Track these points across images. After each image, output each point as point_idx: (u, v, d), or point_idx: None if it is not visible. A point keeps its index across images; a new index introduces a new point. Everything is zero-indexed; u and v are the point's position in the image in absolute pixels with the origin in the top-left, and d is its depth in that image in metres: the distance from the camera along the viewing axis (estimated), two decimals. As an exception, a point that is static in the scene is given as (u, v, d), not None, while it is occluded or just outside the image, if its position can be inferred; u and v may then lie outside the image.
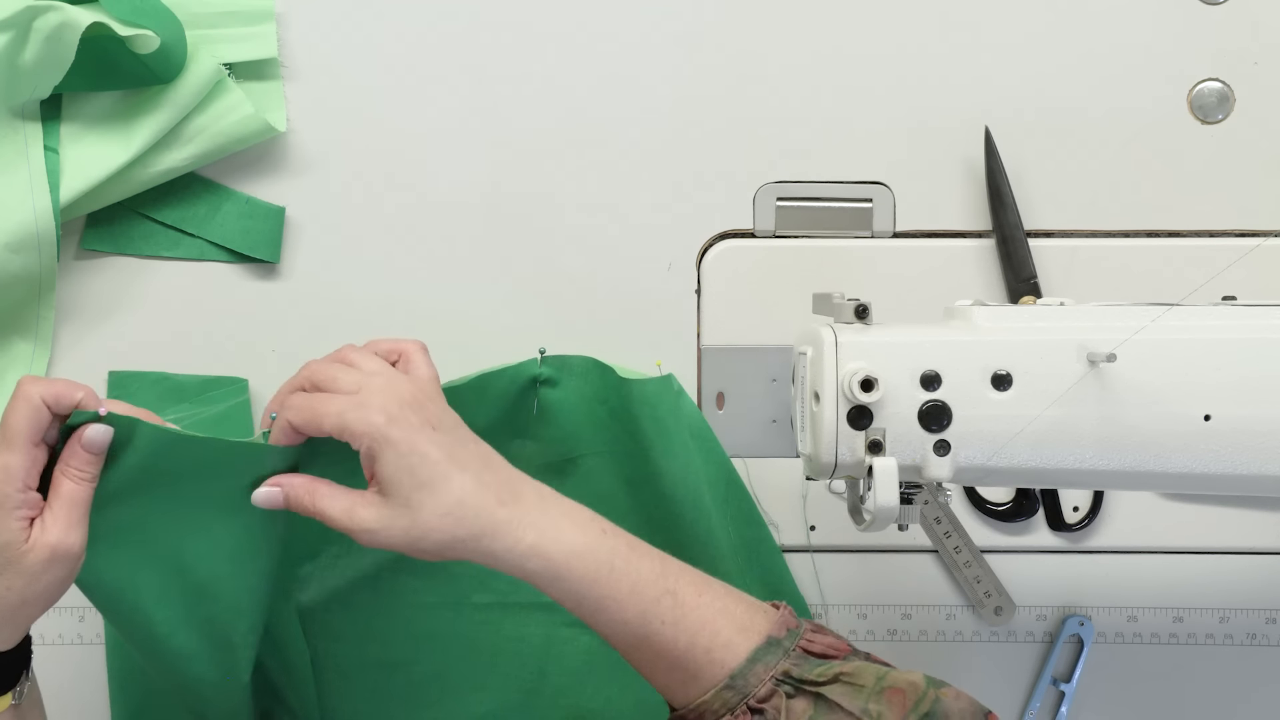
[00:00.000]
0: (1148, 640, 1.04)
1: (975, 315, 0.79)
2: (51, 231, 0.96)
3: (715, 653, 0.81)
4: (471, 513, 0.79)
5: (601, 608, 0.81)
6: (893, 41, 1.03)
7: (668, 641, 0.81)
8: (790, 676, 0.81)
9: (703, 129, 1.03)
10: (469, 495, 0.79)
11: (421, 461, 0.78)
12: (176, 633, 0.86)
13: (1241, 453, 0.77)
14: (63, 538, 0.77)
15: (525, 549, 0.79)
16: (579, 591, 0.80)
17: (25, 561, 0.76)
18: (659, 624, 0.81)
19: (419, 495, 0.78)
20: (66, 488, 0.77)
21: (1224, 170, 1.03)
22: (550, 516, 0.81)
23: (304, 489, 0.81)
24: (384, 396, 0.79)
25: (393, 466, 0.78)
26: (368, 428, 0.77)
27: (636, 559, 0.82)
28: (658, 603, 0.81)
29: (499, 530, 0.79)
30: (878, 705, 0.79)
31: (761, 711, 0.80)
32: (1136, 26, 1.03)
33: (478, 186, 1.03)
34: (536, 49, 1.03)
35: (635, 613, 0.81)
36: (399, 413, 0.78)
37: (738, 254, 1.04)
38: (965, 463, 0.77)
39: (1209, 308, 0.79)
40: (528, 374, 0.98)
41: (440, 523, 0.78)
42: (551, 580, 0.80)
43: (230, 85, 0.98)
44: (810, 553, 1.04)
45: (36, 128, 0.97)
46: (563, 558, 0.80)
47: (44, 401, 0.76)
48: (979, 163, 1.03)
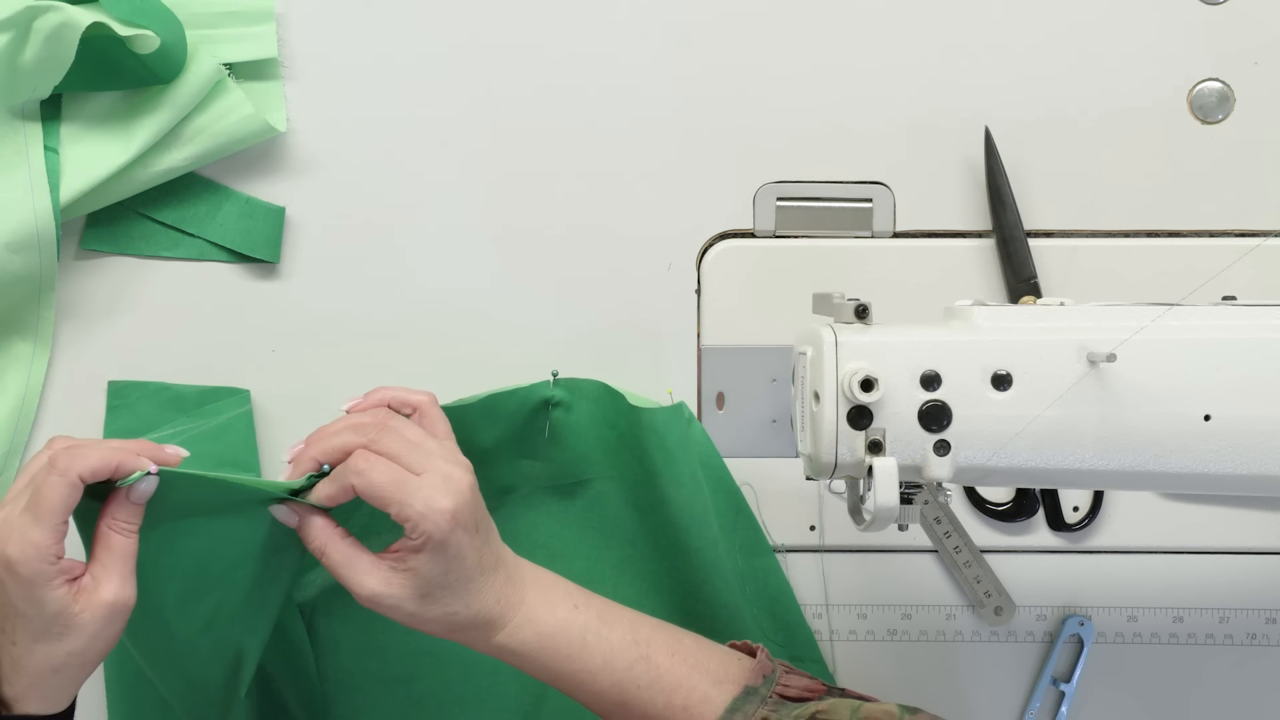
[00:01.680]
0: (1148, 640, 1.04)
1: (975, 315, 0.79)
2: (51, 231, 0.96)
3: (692, 709, 0.84)
4: (472, 614, 0.82)
5: (577, 682, 0.84)
6: (893, 42, 1.03)
7: (645, 704, 0.84)
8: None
9: (703, 129, 1.03)
10: (477, 599, 0.82)
11: (457, 571, 0.80)
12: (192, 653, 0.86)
13: (1241, 453, 0.77)
14: (118, 593, 0.76)
15: (502, 637, 0.83)
16: (553, 668, 0.84)
17: (82, 622, 0.75)
18: (635, 689, 0.84)
19: (439, 593, 0.80)
20: (116, 542, 0.77)
21: (1224, 170, 1.03)
22: (528, 602, 0.84)
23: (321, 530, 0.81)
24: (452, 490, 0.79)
25: (432, 564, 0.79)
26: (432, 527, 0.78)
27: (608, 630, 0.85)
28: (631, 669, 0.84)
29: (487, 627, 0.83)
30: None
31: None
32: (1136, 26, 1.03)
33: (478, 186, 1.03)
34: (537, 49, 1.03)
35: (610, 683, 0.84)
36: (462, 515, 0.79)
37: (738, 254, 1.04)
38: (965, 463, 0.77)
39: (1209, 308, 0.79)
40: (539, 396, 0.98)
41: (444, 619, 0.81)
42: (527, 662, 0.84)
43: (230, 85, 0.98)
44: (810, 553, 1.04)
45: (36, 128, 0.97)
46: (535, 640, 0.83)
47: (81, 480, 0.75)
48: (979, 163, 1.03)
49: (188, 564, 0.83)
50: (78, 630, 0.75)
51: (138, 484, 0.76)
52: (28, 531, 0.74)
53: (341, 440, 0.81)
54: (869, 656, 0.89)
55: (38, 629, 0.75)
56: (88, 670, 0.78)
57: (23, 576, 0.74)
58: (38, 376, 1.00)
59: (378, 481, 0.79)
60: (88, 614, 0.75)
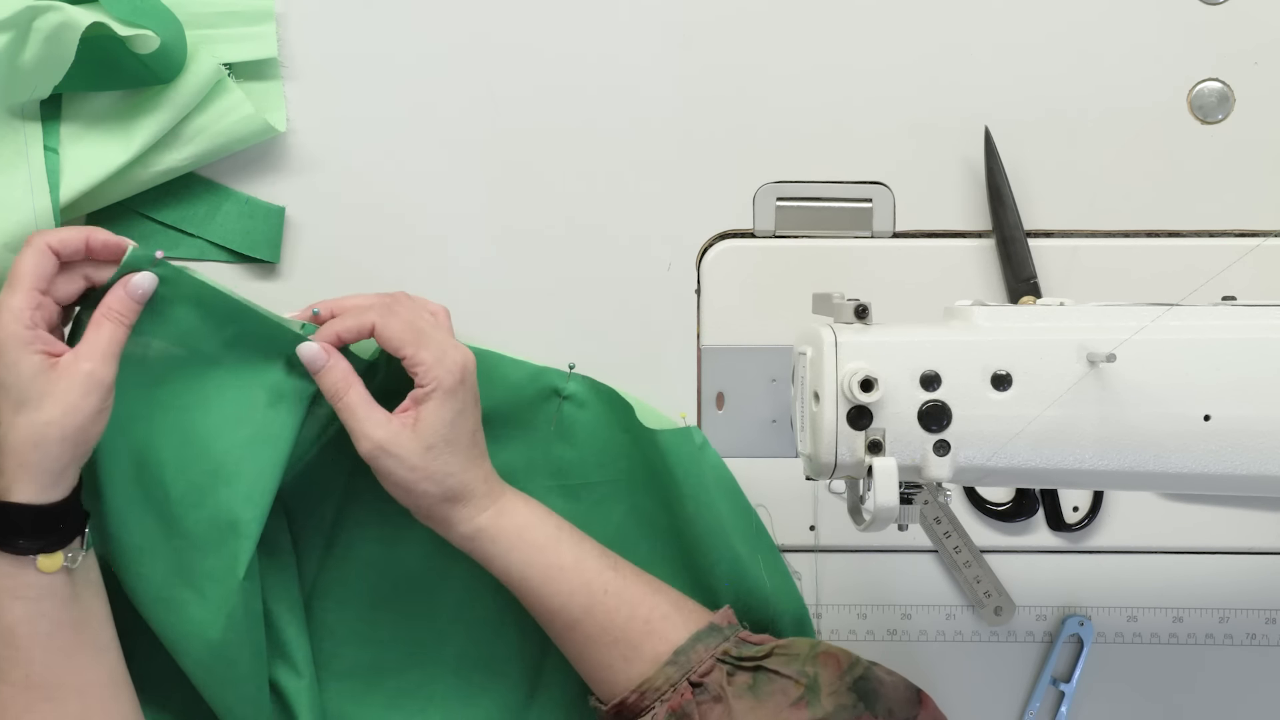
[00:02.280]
0: (1148, 640, 1.04)
1: (975, 315, 0.79)
2: (51, 231, 0.96)
3: (655, 623, 0.87)
4: (464, 484, 0.87)
5: (549, 577, 0.87)
6: (893, 42, 1.03)
7: (610, 610, 0.87)
8: (730, 655, 0.87)
9: (703, 129, 1.03)
10: (471, 467, 0.87)
11: (458, 429, 0.86)
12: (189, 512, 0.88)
13: (1241, 453, 0.77)
14: (96, 366, 0.80)
15: (483, 519, 0.88)
16: (527, 560, 0.88)
17: (59, 388, 0.79)
18: (602, 594, 0.87)
19: (443, 448, 0.85)
20: (105, 326, 0.82)
21: (1224, 170, 1.03)
22: (508, 497, 0.90)
23: (344, 376, 0.87)
24: (463, 356, 0.87)
25: (440, 418, 0.85)
26: (443, 373, 0.85)
27: (580, 538, 0.90)
28: (600, 574, 0.88)
29: (470, 501, 0.87)
30: (813, 667, 0.85)
31: (703, 685, 0.83)
32: (1136, 26, 1.03)
33: (478, 186, 1.03)
34: (537, 49, 1.03)
35: (580, 583, 0.87)
36: (469, 375, 0.87)
37: (738, 254, 1.04)
38: (965, 463, 0.77)
39: (1209, 308, 0.79)
40: (550, 382, 0.98)
41: (442, 479, 0.86)
42: (503, 551, 0.88)
43: (230, 85, 0.98)
44: (810, 553, 1.04)
45: (36, 128, 0.97)
46: (514, 529, 0.88)
47: (49, 247, 0.81)
48: (979, 163, 1.03)
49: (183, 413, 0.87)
50: (53, 397, 0.78)
51: (136, 277, 0.83)
52: (4, 300, 0.79)
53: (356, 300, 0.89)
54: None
55: (15, 397, 0.78)
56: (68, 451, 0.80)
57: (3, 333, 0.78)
58: (38, 376, 1.00)
59: (395, 326, 0.86)
60: (64, 381, 0.79)
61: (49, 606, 0.81)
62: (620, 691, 0.87)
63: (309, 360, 0.87)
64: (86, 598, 0.84)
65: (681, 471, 0.97)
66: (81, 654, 0.83)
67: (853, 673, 0.85)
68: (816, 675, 0.84)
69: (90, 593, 0.85)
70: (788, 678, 0.84)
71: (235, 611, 0.89)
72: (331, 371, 0.87)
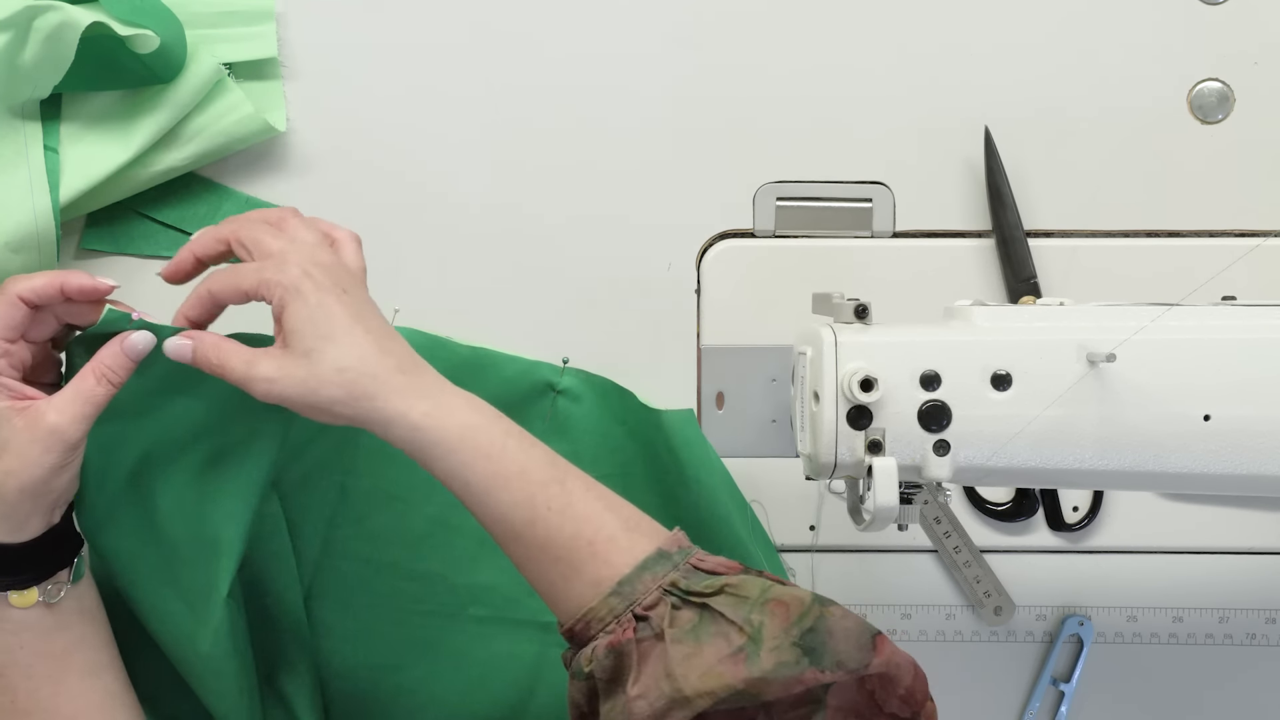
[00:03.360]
0: (1148, 640, 1.04)
1: (975, 315, 0.79)
2: (51, 231, 0.96)
3: (599, 546, 0.80)
4: (369, 372, 0.79)
5: (491, 486, 0.80)
6: (893, 42, 1.03)
7: (553, 529, 0.80)
8: (677, 588, 0.79)
9: (703, 129, 1.03)
10: (369, 354, 0.79)
11: (326, 315, 0.79)
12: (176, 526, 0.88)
13: (1241, 453, 0.77)
14: (59, 421, 0.77)
15: (418, 416, 0.79)
16: (469, 465, 0.80)
17: (20, 439, 0.76)
18: (545, 510, 0.80)
19: (320, 345, 0.78)
20: (87, 382, 0.79)
21: (1224, 170, 1.03)
22: (447, 393, 0.81)
23: (211, 345, 0.81)
24: (302, 257, 0.80)
25: (298, 317, 0.78)
26: (280, 278, 0.78)
27: (529, 444, 0.82)
28: (545, 488, 0.80)
29: (394, 394, 0.79)
30: (760, 615, 0.77)
31: (647, 619, 0.78)
32: (1136, 26, 1.03)
33: (478, 186, 1.03)
34: (537, 48, 1.03)
35: (524, 495, 0.80)
36: (313, 271, 0.80)
37: (738, 254, 1.04)
38: (965, 463, 0.77)
39: (1209, 308, 0.79)
40: (543, 378, 0.98)
41: (337, 377, 0.78)
42: (444, 453, 0.79)
43: (230, 85, 0.98)
44: (810, 552, 1.04)
45: (36, 128, 0.97)
46: (456, 429, 0.79)
47: (20, 298, 0.78)
48: (979, 163, 1.03)
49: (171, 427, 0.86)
50: (11, 448, 0.77)
51: (135, 336, 0.81)
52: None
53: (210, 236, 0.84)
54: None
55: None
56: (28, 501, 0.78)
57: None
58: (38, 376, 1.00)
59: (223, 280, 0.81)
60: (26, 434, 0.77)
61: (28, 639, 0.80)
62: (568, 617, 0.81)
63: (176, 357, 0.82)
64: (76, 625, 0.83)
65: (687, 453, 0.97)
66: (69, 679, 0.82)
67: (801, 624, 0.78)
68: (761, 625, 0.77)
69: (82, 620, 0.83)
70: (732, 623, 0.78)
71: (221, 627, 0.89)
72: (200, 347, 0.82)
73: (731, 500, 0.99)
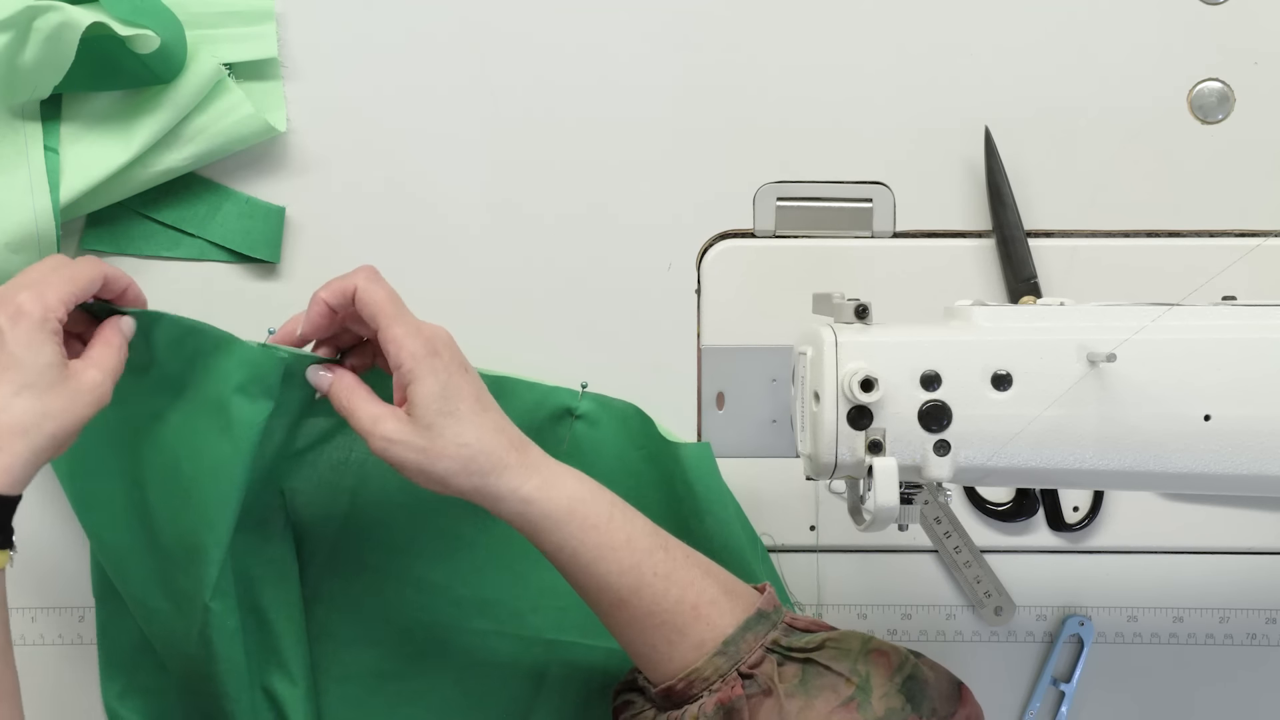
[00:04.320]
0: (1148, 640, 1.04)
1: (975, 315, 0.79)
2: (51, 231, 0.96)
3: (702, 609, 0.85)
4: (486, 449, 0.84)
5: (600, 555, 0.84)
6: (893, 42, 1.03)
7: (659, 594, 0.84)
8: (780, 645, 0.84)
9: (703, 129, 1.03)
10: (487, 433, 0.84)
11: (455, 393, 0.83)
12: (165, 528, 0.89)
13: (1241, 453, 0.77)
14: (103, 379, 0.81)
15: (529, 491, 0.84)
16: (577, 536, 0.84)
17: (68, 387, 0.79)
18: (651, 575, 0.84)
19: (443, 421, 0.83)
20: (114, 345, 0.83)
21: (1224, 170, 1.03)
22: (552, 468, 0.86)
23: (348, 386, 0.86)
24: (432, 328, 0.85)
25: (428, 393, 0.82)
26: (414, 348, 0.83)
27: (632, 515, 0.87)
28: (650, 555, 0.85)
29: (507, 471, 0.84)
30: (865, 666, 0.83)
31: (753, 677, 0.83)
32: (1136, 26, 1.03)
33: (477, 186, 1.03)
34: (536, 49, 1.03)
35: (630, 563, 0.84)
36: (445, 345, 0.84)
37: (738, 254, 1.04)
38: (965, 463, 0.77)
39: (1209, 308, 0.79)
40: (562, 402, 0.99)
41: (456, 452, 0.83)
42: (553, 526, 0.84)
43: (230, 85, 0.98)
44: (810, 553, 1.04)
45: (36, 128, 0.97)
46: (565, 502, 0.84)
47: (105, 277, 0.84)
48: (979, 163, 1.03)
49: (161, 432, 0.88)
50: (58, 392, 0.79)
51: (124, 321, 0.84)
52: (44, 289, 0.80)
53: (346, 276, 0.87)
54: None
55: (22, 379, 0.78)
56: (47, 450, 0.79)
57: (33, 317, 0.79)
58: (38, 376, 1.00)
59: (377, 295, 0.84)
60: (73, 382, 0.80)
61: None
62: (667, 677, 0.85)
63: (315, 384, 0.86)
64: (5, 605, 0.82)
65: (702, 486, 0.98)
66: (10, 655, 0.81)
67: (902, 672, 0.84)
68: (868, 675, 0.83)
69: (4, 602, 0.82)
70: (839, 674, 0.83)
71: (204, 631, 0.90)
72: (337, 387, 0.86)
73: (744, 533, 0.99)
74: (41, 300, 0.79)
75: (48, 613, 1.02)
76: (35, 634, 0.93)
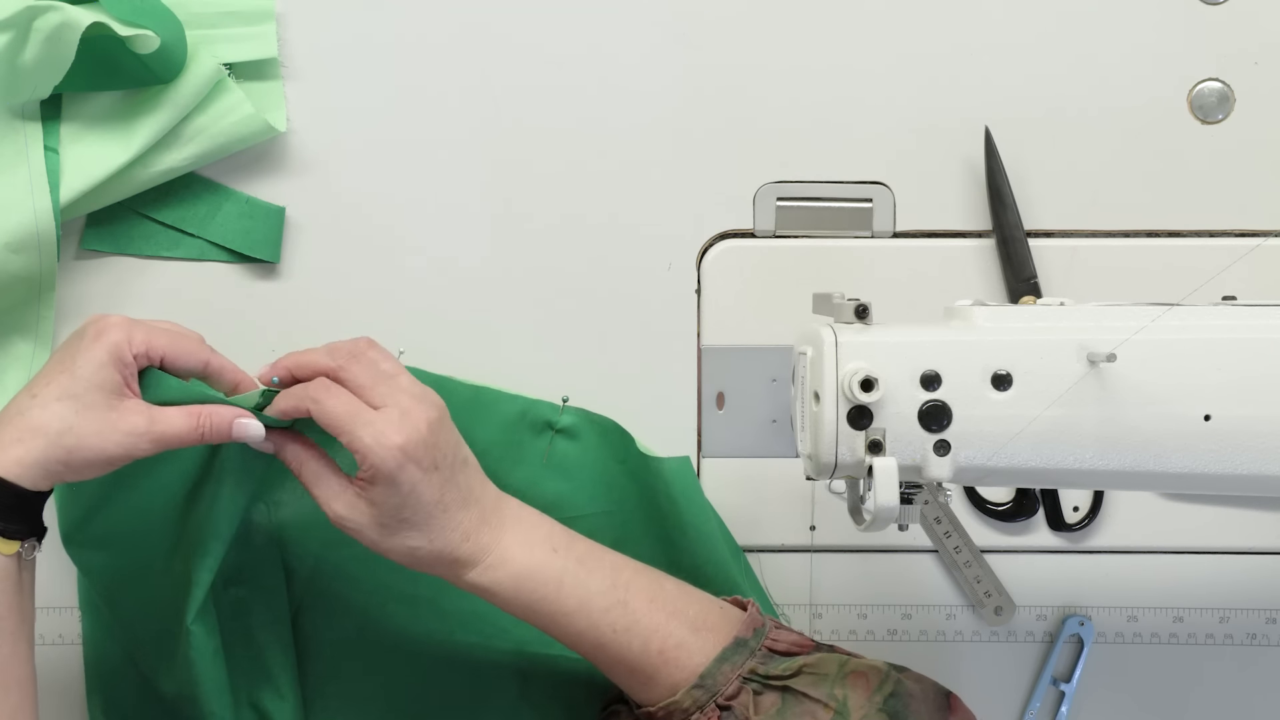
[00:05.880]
0: (1148, 640, 1.04)
1: (975, 315, 0.79)
2: (51, 231, 0.96)
3: (669, 654, 0.85)
4: (435, 551, 0.83)
5: (553, 622, 0.85)
6: (893, 41, 1.03)
7: (621, 648, 0.85)
8: (756, 674, 0.85)
9: (703, 129, 1.03)
10: (439, 536, 0.83)
11: (413, 506, 0.82)
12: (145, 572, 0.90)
13: (1241, 453, 0.77)
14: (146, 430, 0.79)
15: (474, 576, 0.84)
16: (531, 608, 0.85)
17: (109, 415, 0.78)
18: (610, 633, 0.85)
19: (397, 527, 0.82)
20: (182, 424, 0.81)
21: (1224, 170, 1.03)
22: (503, 543, 0.85)
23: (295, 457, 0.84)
24: (407, 426, 0.81)
25: (385, 499, 0.81)
26: (379, 460, 0.80)
27: (585, 574, 0.86)
28: (607, 613, 0.85)
29: (455, 564, 0.84)
30: (842, 689, 0.83)
31: (730, 708, 0.83)
32: (1136, 26, 1.03)
33: (477, 186, 1.03)
34: (537, 49, 1.03)
35: (586, 625, 0.85)
36: (414, 451, 0.81)
37: (738, 254, 1.04)
38: (965, 463, 0.77)
39: (1209, 308, 0.79)
40: (542, 415, 0.98)
41: (405, 554, 0.83)
42: (505, 603, 0.85)
43: (230, 85, 0.98)
44: (810, 553, 1.04)
45: (36, 128, 0.97)
46: (512, 582, 0.85)
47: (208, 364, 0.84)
48: (979, 163, 1.03)
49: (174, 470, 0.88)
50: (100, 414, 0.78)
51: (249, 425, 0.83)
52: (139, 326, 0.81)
53: (313, 359, 0.84)
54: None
55: (70, 388, 0.78)
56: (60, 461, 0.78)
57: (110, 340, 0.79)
58: (38, 376, 1.00)
59: (331, 410, 0.81)
60: (115, 413, 0.79)
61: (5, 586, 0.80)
62: (645, 705, 0.86)
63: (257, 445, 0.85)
64: (30, 596, 0.82)
65: (685, 500, 0.98)
66: (24, 646, 0.81)
67: (882, 691, 0.84)
68: (846, 698, 0.83)
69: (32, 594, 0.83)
70: (816, 700, 0.83)
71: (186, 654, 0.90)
72: (282, 453, 0.85)
73: (728, 547, 0.99)
74: (128, 331, 0.79)
75: (48, 613, 1.02)
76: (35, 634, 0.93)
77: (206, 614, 0.90)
